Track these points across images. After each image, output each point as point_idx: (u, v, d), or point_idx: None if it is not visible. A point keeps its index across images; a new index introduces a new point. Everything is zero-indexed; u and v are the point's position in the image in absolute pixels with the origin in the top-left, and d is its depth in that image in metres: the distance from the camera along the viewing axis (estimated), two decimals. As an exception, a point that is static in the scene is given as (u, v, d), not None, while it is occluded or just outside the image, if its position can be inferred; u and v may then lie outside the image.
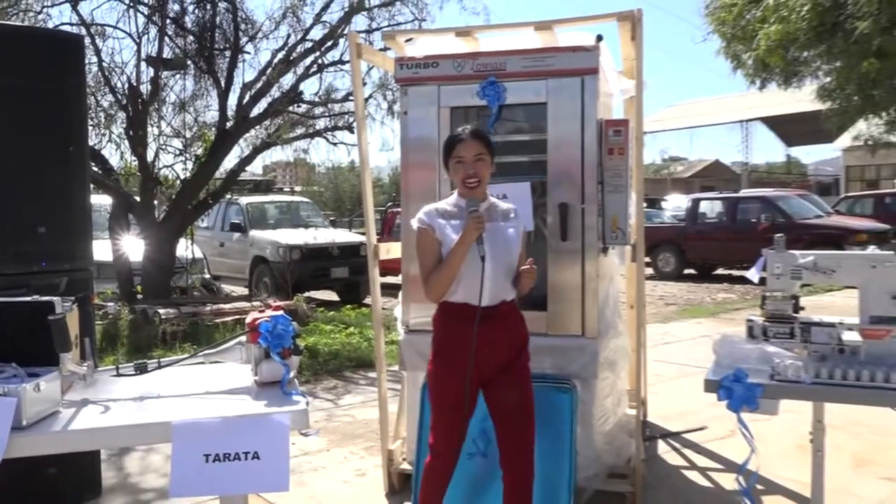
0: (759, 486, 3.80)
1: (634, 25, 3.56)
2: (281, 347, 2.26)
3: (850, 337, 2.43)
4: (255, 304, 8.38)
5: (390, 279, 6.17)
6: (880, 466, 4.14)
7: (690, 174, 46.16)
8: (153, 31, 8.82)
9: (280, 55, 9.18)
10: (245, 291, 11.19)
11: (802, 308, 2.59)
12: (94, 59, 8.36)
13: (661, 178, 44.24)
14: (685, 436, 4.76)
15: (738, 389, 2.32)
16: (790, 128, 36.30)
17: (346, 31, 8.70)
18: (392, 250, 4.03)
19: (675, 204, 20.86)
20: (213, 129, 9.38)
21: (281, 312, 2.34)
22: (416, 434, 3.59)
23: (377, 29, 9.15)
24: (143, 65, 8.81)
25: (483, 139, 2.77)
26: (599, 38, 3.47)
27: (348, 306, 9.85)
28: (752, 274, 2.70)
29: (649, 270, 14.90)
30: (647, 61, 3.77)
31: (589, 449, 3.51)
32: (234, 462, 1.94)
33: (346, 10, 9.18)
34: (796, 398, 2.37)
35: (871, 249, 2.60)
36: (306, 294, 10.16)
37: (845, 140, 20.71)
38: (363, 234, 4.06)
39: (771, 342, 2.54)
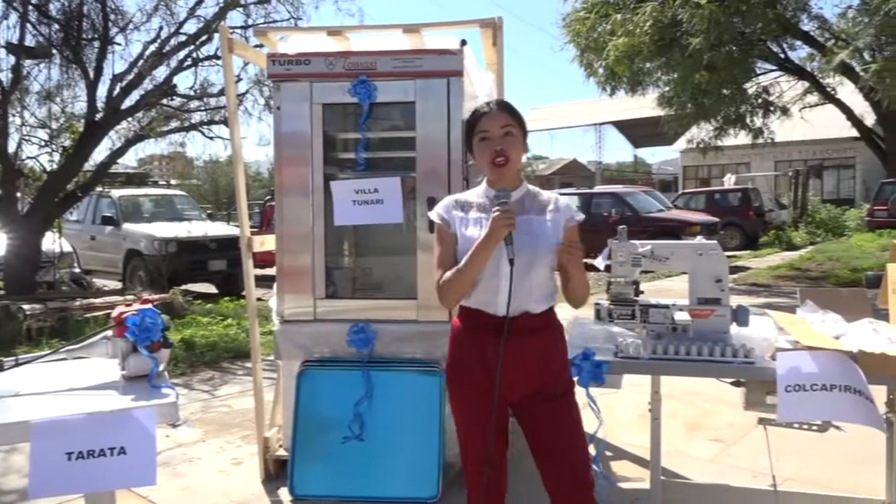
0: (607, 453, 4.02)
1: (495, 32, 3.63)
2: (149, 341, 2.13)
3: (681, 316, 2.59)
4: (127, 298, 7.90)
5: (268, 271, 6.00)
6: (709, 430, 4.48)
7: (551, 172, 47.89)
8: (14, 17, 8.10)
9: (152, 47, 8.68)
10: (118, 285, 10.52)
11: (642, 292, 2.74)
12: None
13: (525, 176, 45.58)
14: (544, 410, 4.94)
15: (586, 367, 2.42)
16: (636, 131, 38.51)
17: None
18: (266, 242, 3.91)
19: (537, 199, 21.58)
20: (82, 120, 8.72)
21: (149, 306, 2.21)
22: (291, 421, 3.51)
23: (253, 25, 8.84)
24: (3, 52, 8.08)
25: (512, 111, 2.23)
26: (463, 42, 3.51)
27: (226, 298, 9.50)
28: (599, 262, 2.82)
29: (514, 260, 15.33)
30: (511, 67, 3.86)
31: (457, 427, 3.56)
32: (99, 459, 1.81)
33: (221, 5, 8.81)
34: (636, 373, 2.52)
35: (699, 239, 2.79)
36: (183, 287, 9.70)
37: (682, 143, 22.19)
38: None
39: (615, 323, 2.66)
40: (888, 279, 2.93)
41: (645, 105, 14.42)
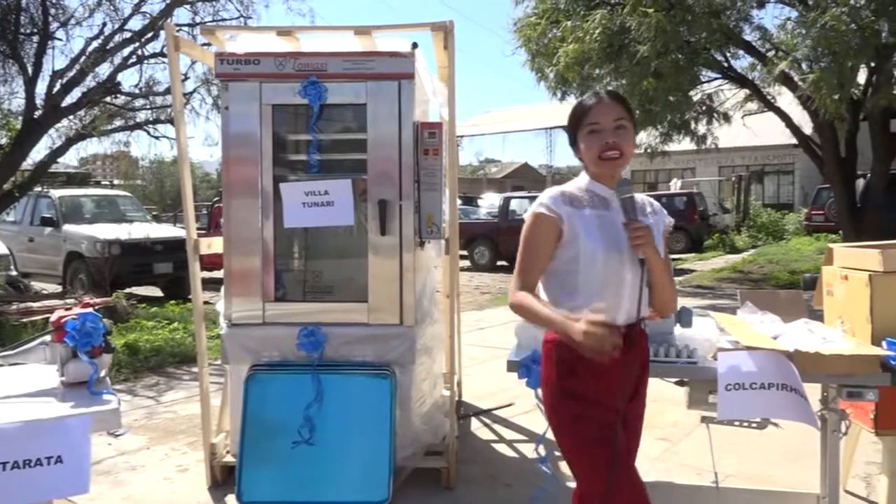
0: (556, 452, 4.05)
1: (447, 36, 3.64)
2: (90, 346, 2.08)
3: (628, 318, 2.64)
4: (68, 301, 7.65)
5: (215, 274, 5.90)
6: (657, 428, 4.57)
7: (503, 175, 48.27)
8: (-55, 9, 7.78)
9: (95, 44, 8.44)
10: (58, 289, 10.17)
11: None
12: None
13: (477, 178, 45.88)
14: (495, 412, 4.98)
15: (535, 369, 2.45)
16: (587, 136, 38.95)
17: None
18: (214, 245, 3.84)
19: (489, 202, 21.77)
20: (20, 117, 8.42)
21: (90, 310, 2.15)
22: (239, 426, 3.46)
23: (201, 23, 8.67)
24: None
25: (625, 103, 2.06)
26: (415, 45, 3.52)
27: (172, 302, 9.28)
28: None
29: (466, 262, 15.42)
30: (463, 70, 3.89)
31: (407, 430, 3.56)
32: (36, 468, 1.76)
33: (168, 1, 8.62)
34: (584, 374, 2.55)
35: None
36: (127, 290, 9.44)
37: (631, 148, 22.62)
38: (187, 228, 3.83)
39: (564, 325, 2.69)
40: (823, 281, 3.05)
41: (595, 110, 14.62)
